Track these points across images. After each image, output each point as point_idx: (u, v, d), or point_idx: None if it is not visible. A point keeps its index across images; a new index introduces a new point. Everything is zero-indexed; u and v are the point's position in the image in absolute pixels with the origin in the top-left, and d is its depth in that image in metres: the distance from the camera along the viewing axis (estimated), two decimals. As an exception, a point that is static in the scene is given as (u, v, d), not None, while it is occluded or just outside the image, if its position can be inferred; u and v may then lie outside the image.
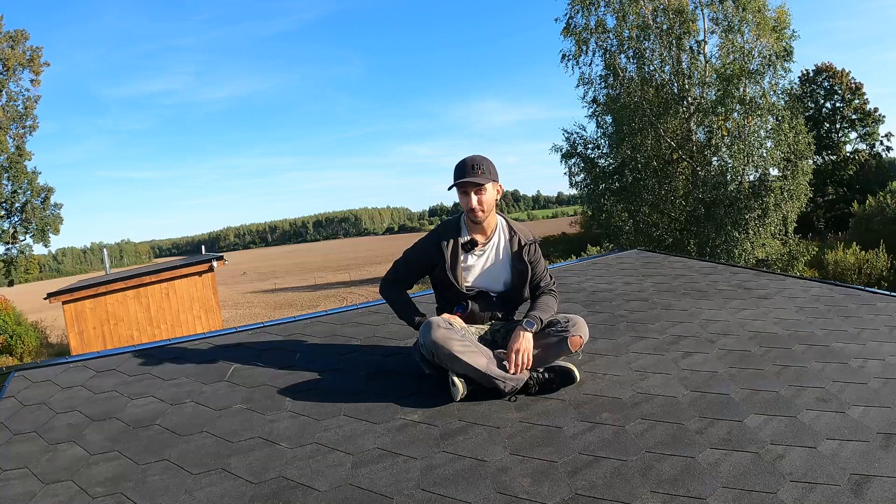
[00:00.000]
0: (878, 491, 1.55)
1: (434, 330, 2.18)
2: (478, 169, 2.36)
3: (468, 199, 2.37)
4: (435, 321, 2.23)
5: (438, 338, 2.16)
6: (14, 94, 22.23)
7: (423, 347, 2.24)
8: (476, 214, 2.39)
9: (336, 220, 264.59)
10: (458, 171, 2.39)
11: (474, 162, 2.38)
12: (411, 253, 2.55)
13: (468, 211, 2.40)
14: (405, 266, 2.56)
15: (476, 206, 2.36)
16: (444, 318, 2.30)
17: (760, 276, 4.50)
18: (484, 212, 2.39)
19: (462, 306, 2.44)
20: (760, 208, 15.23)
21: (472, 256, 2.46)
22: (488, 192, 2.39)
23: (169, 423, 2.12)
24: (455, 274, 2.42)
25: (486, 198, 2.39)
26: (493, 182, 2.41)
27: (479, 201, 2.37)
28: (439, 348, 2.15)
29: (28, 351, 18.29)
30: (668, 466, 1.70)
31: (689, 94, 16.11)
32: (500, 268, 2.49)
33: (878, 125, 31.58)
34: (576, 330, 2.37)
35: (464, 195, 2.38)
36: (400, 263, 2.57)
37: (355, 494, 1.63)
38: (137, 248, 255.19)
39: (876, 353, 2.68)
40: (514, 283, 2.51)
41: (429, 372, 2.32)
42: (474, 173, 2.36)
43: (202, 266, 13.19)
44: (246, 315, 28.41)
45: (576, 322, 2.41)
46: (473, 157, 2.41)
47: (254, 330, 3.25)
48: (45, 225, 23.43)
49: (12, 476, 1.81)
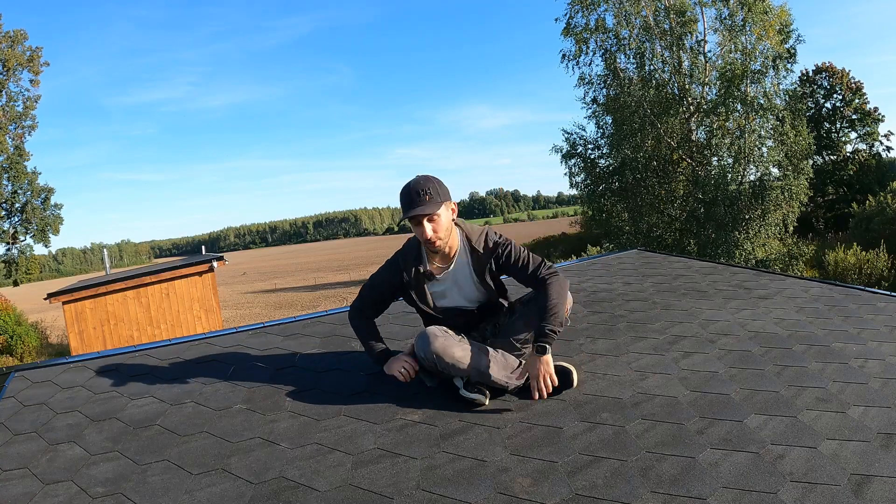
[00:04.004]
0: (879, 491, 1.55)
1: (433, 341, 2.15)
2: (425, 195, 2.13)
3: (422, 229, 2.16)
4: (431, 332, 2.19)
5: (438, 348, 2.14)
6: (14, 95, 22.26)
7: (424, 360, 2.20)
8: (434, 245, 2.20)
9: (336, 220, 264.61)
10: (405, 201, 2.17)
11: (419, 188, 2.14)
12: (376, 280, 2.41)
13: (425, 242, 2.21)
14: (369, 294, 2.42)
15: (431, 235, 2.17)
16: (438, 328, 2.24)
17: (760, 276, 4.50)
18: (441, 239, 2.20)
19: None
20: (761, 208, 15.23)
21: (436, 284, 2.32)
22: (442, 217, 2.18)
23: (169, 423, 2.11)
24: (424, 301, 2.32)
25: (442, 223, 2.18)
26: (446, 202, 2.20)
27: (434, 229, 2.17)
28: (441, 358, 2.14)
29: (28, 351, 18.28)
30: (668, 466, 1.70)
31: (690, 94, 16.11)
32: (468, 289, 2.33)
33: (877, 125, 31.57)
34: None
35: (416, 226, 2.18)
36: (365, 291, 2.43)
37: (355, 494, 1.63)
38: (138, 249, 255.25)
39: (876, 353, 2.68)
40: (489, 297, 2.36)
41: (430, 385, 2.29)
42: (422, 200, 2.13)
43: (202, 266, 13.20)
44: (246, 315, 28.40)
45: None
46: (416, 181, 2.17)
47: (254, 330, 3.24)
48: (45, 225, 23.43)
49: (12, 476, 1.81)
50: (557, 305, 2.17)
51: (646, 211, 16.85)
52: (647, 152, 16.28)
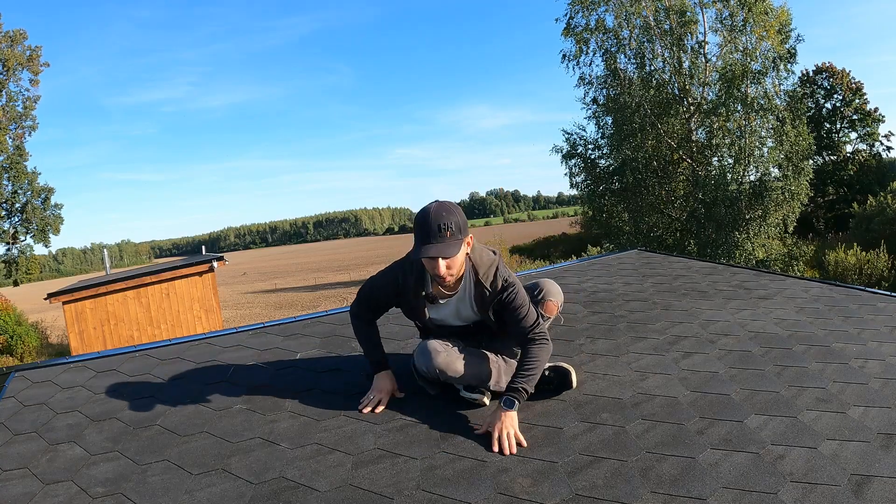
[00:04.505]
0: (879, 491, 1.55)
1: (435, 357, 2.10)
2: (446, 230, 1.93)
3: (436, 265, 1.98)
4: (433, 347, 2.12)
5: (441, 364, 2.09)
6: (14, 95, 22.27)
7: (426, 373, 2.17)
8: (444, 281, 2.04)
9: (336, 220, 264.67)
10: (423, 233, 1.96)
11: (440, 222, 1.93)
12: (375, 289, 2.28)
13: (434, 276, 2.04)
14: (367, 300, 2.29)
15: (444, 272, 1.99)
16: (438, 342, 2.16)
17: (761, 277, 4.50)
18: (453, 276, 2.04)
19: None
20: (761, 208, 15.23)
21: (437, 307, 2.20)
22: (459, 254, 2.00)
23: (169, 423, 2.11)
24: (421, 318, 2.22)
25: (457, 260, 2.01)
26: (465, 239, 2.03)
27: (449, 265, 1.99)
28: (444, 373, 2.11)
29: (28, 351, 18.28)
30: (668, 467, 1.70)
31: (690, 95, 16.11)
32: (466, 314, 2.21)
33: (878, 125, 31.57)
34: (547, 295, 2.29)
35: (430, 261, 1.99)
36: (363, 295, 2.30)
37: (355, 495, 1.63)
38: (138, 249, 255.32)
39: (876, 354, 2.68)
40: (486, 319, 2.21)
41: (433, 393, 2.25)
42: (442, 237, 1.93)
43: (202, 266, 13.20)
44: (246, 315, 28.40)
45: (544, 287, 2.32)
46: (438, 213, 1.96)
47: (254, 330, 3.24)
48: (45, 225, 23.45)
49: (12, 476, 1.81)
50: (537, 368, 2.07)
51: (646, 211, 16.86)
52: (647, 153, 16.29)
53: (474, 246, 2.15)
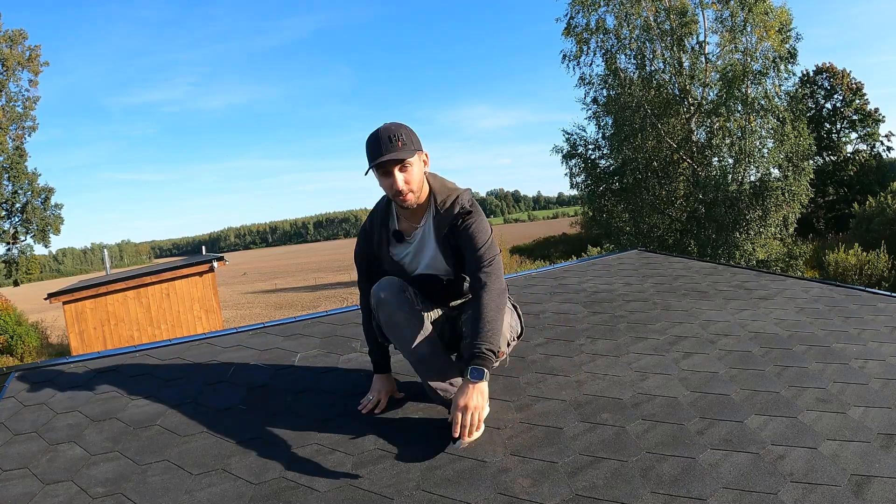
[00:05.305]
0: (879, 492, 1.55)
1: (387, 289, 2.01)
2: (397, 140, 1.88)
3: (391, 180, 1.90)
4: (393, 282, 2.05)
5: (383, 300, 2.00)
6: (13, 95, 22.27)
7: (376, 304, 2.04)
8: (405, 198, 1.94)
9: (336, 220, 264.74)
10: (373, 147, 1.90)
11: (390, 133, 1.88)
12: (357, 251, 2.23)
13: (394, 195, 1.95)
14: (359, 265, 2.24)
15: (403, 186, 1.91)
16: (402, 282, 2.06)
17: (761, 277, 4.50)
18: (413, 192, 1.95)
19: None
20: (761, 208, 15.24)
21: (405, 245, 2.11)
22: (415, 167, 1.93)
23: (169, 423, 2.11)
24: (395, 266, 2.13)
25: (414, 174, 1.93)
26: (419, 152, 1.95)
27: (406, 180, 1.92)
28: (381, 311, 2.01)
29: (28, 351, 18.29)
30: (668, 467, 1.70)
31: (690, 95, 16.12)
32: (434, 255, 2.09)
33: (878, 125, 31.58)
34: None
35: (385, 176, 1.92)
36: (356, 264, 2.26)
37: (355, 495, 1.63)
38: (138, 249, 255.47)
39: (876, 354, 2.68)
40: (457, 270, 2.10)
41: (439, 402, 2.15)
42: (394, 147, 1.87)
43: (202, 266, 13.21)
44: (246, 315, 28.40)
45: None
46: (386, 126, 1.91)
47: (254, 330, 3.24)
48: (45, 225, 23.45)
49: (12, 476, 1.81)
50: (495, 321, 1.89)
51: (646, 211, 16.88)
52: (647, 153, 16.30)
53: (438, 176, 2.10)
